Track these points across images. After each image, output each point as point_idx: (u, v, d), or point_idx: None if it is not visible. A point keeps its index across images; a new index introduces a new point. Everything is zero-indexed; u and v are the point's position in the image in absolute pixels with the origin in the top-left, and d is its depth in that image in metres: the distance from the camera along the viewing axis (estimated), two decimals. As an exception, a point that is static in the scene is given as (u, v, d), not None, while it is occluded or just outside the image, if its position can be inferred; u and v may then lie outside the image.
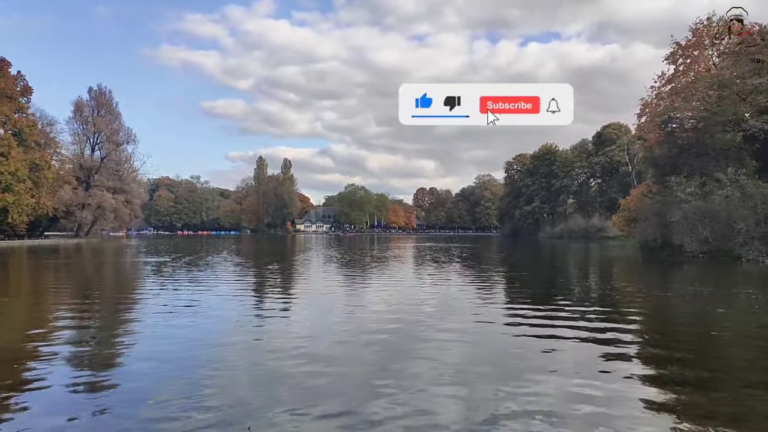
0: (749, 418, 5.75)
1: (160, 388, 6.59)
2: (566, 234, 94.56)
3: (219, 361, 7.94)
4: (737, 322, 12.17)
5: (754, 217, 31.30)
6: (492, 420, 5.59)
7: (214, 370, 7.36)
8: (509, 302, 15.18)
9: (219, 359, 8.03)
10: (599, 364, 7.98)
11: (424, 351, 8.68)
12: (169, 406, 5.91)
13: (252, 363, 7.87)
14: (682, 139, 38.42)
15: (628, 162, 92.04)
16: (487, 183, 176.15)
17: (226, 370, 7.41)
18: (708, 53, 41.90)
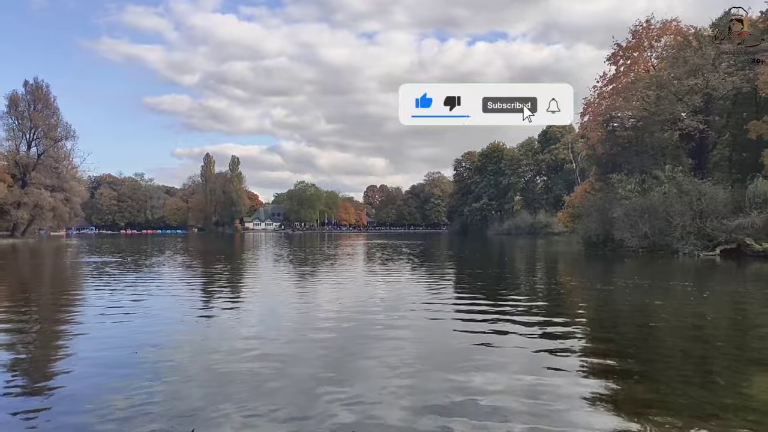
0: (685, 406, 5.98)
1: (101, 392, 6.37)
2: (514, 230, 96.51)
3: (163, 363, 7.72)
4: (674, 313, 12.67)
5: (690, 213, 32.71)
6: (440, 411, 5.65)
7: (158, 373, 7.16)
8: (459, 298, 15.35)
9: (163, 361, 7.81)
10: (544, 357, 8.19)
11: (374, 348, 8.69)
12: (111, 411, 5.71)
13: (198, 364, 7.69)
14: (623, 137, 39.72)
15: (573, 160, 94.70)
16: (437, 181, 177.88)
17: (170, 372, 7.21)
18: (647, 55, 43.45)
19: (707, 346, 9.32)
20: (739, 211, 31.43)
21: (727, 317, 12.43)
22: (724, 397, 6.23)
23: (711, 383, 6.90)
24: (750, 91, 34.93)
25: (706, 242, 31.66)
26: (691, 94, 36.14)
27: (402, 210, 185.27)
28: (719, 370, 7.67)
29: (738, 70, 34.90)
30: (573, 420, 5.55)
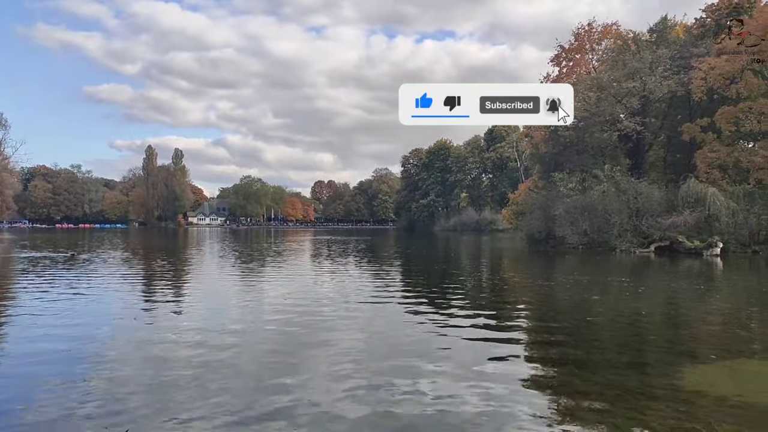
0: (619, 396, 6.19)
1: (33, 392, 6.09)
2: (459, 227, 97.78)
3: (100, 361, 7.44)
4: (610, 308, 13.11)
5: (627, 211, 33.95)
6: (389, 404, 5.66)
7: (93, 372, 6.89)
8: (405, 293, 15.43)
9: (99, 359, 7.53)
10: (486, 348, 8.34)
11: (319, 346, 8.64)
12: (44, 412, 5.46)
13: (137, 362, 7.45)
14: (565, 137, 40.81)
15: (517, 158, 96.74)
16: (385, 177, 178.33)
17: (106, 372, 6.95)
18: (588, 57, 44.78)
19: (641, 339, 9.68)
20: (672, 209, 32.80)
21: (660, 311, 12.96)
22: (656, 388, 6.48)
23: (644, 374, 7.17)
24: (684, 95, 36.45)
25: (641, 239, 32.92)
26: (629, 96, 37.47)
27: (350, 206, 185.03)
28: (652, 361, 7.99)
29: (673, 75, 36.38)
30: (514, 409, 5.66)
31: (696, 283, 19.11)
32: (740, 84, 31.45)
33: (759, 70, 32.07)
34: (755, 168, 31.84)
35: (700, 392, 6.30)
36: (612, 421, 5.44)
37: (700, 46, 37.49)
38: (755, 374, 7.38)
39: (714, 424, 5.32)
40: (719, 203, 31.02)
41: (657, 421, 5.40)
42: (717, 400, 6.04)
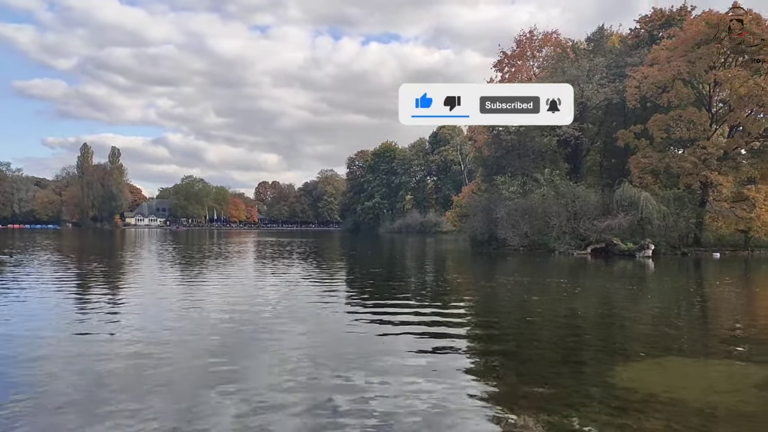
0: (555, 395, 6.38)
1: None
2: (404, 228, 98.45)
3: (31, 369, 7.11)
4: (549, 308, 13.48)
5: (566, 214, 35.00)
6: (331, 406, 5.64)
7: (21, 382, 6.58)
8: (350, 295, 15.43)
9: (31, 368, 7.19)
10: (430, 351, 8.42)
11: (262, 350, 8.54)
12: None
13: (69, 372, 7.15)
14: (507, 141, 41.73)
15: (461, 161, 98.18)
16: (330, 178, 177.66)
17: (35, 381, 6.65)
18: (530, 64, 45.96)
19: (577, 338, 10.00)
20: (608, 213, 34.02)
21: (595, 311, 13.43)
22: (591, 386, 6.72)
23: (579, 372, 7.42)
24: (619, 102, 37.87)
25: (579, 241, 34.00)
26: (568, 102, 38.59)
27: (295, 207, 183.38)
28: (587, 360, 8.28)
29: (609, 83, 37.78)
30: (454, 407, 5.76)
31: (629, 284, 19.88)
32: (671, 93, 32.92)
33: (688, 80, 33.68)
34: (684, 173, 33.38)
35: (630, 389, 6.56)
36: (547, 418, 5.60)
37: (634, 55, 39.07)
38: (682, 371, 7.73)
39: (643, 419, 5.56)
40: (651, 207, 32.38)
41: (590, 417, 5.59)
42: (646, 396, 6.30)
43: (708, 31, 32.37)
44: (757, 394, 6.54)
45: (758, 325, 11.73)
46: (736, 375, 7.46)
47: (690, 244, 34.45)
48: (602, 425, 5.40)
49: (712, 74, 32.85)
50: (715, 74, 32.73)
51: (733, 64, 33.44)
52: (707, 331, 11.21)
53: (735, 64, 33.31)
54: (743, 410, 5.93)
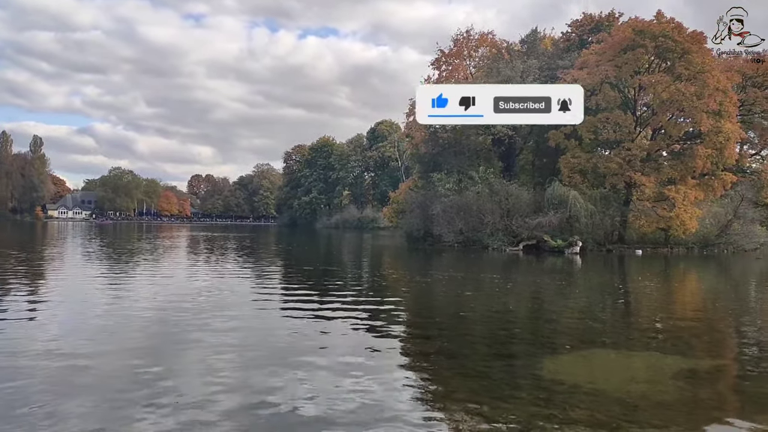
0: (486, 388, 6.53)
1: None
2: (342, 224, 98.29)
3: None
4: (482, 303, 13.78)
5: (499, 212, 35.85)
6: (263, 404, 5.55)
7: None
8: (286, 290, 15.25)
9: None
10: (364, 345, 8.45)
11: (191, 347, 8.31)
12: None
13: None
14: (444, 138, 42.26)
15: (398, 158, 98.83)
16: (267, 172, 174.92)
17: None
18: (466, 63, 46.70)
19: (508, 332, 10.26)
20: (539, 210, 35.09)
21: (526, 306, 13.83)
22: (520, 379, 6.91)
23: (509, 366, 7.61)
24: (551, 104, 39.09)
25: (511, 238, 34.92)
26: (502, 102, 39.49)
27: (229, 201, 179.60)
28: (516, 353, 8.50)
29: (542, 84, 38.89)
30: (387, 402, 5.79)
31: (558, 279, 20.58)
32: (599, 96, 34.21)
33: (615, 83, 35.11)
34: (610, 173, 34.81)
35: (557, 380, 6.78)
36: (478, 409, 5.72)
37: (565, 58, 40.37)
38: (605, 363, 8.07)
39: (568, 409, 5.76)
40: (579, 205, 33.60)
41: (519, 409, 5.75)
42: (572, 387, 6.54)
43: (634, 37, 33.86)
44: (674, 384, 6.89)
45: (675, 318, 12.38)
46: (655, 366, 7.83)
47: (615, 241, 35.97)
48: (530, 416, 5.55)
49: (637, 79, 34.38)
50: (640, 79, 34.27)
51: (656, 70, 35.10)
52: (629, 324, 11.73)
53: (658, 70, 34.97)
54: (661, 399, 6.24)
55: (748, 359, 8.67)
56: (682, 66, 33.24)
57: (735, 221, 36.32)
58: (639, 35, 33.76)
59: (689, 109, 32.79)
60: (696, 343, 9.47)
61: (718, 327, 11.43)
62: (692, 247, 36.02)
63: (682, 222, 33.50)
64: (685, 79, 32.95)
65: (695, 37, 34.09)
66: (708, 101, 32.28)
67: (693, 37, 33.97)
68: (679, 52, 33.49)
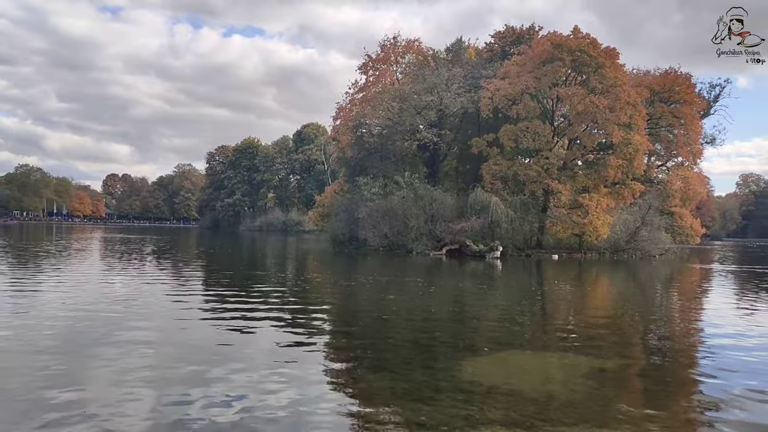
0: (407, 390, 6.59)
1: None
2: (266, 227, 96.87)
3: None
4: (405, 306, 13.91)
5: (424, 216, 36.39)
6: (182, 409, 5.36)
7: None
8: (207, 295, 14.82)
9: None
10: (288, 350, 8.37)
11: (107, 353, 7.92)
12: None
13: None
14: (370, 143, 42.53)
15: (325, 161, 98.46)
16: (188, 173, 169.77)
17: None
18: (393, 69, 47.21)
19: (429, 335, 10.41)
20: (462, 216, 35.86)
21: (448, 309, 14.07)
22: (440, 380, 7.02)
23: (429, 369, 7.72)
24: (474, 111, 40.07)
25: (435, 243, 35.52)
26: (428, 109, 40.20)
27: (148, 202, 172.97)
28: (437, 356, 8.65)
29: (466, 92, 39.82)
30: (311, 406, 5.75)
31: (479, 283, 21.10)
32: (520, 106, 35.44)
33: (534, 94, 36.46)
34: (530, 181, 36.11)
35: (475, 382, 6.95)
36: (399, 411, 5.79)
37: (488, 68, 41.53)
38: (521, 364, 8.35)
39: (486, 409, 5.91)
40: (500, 211, 34.61)
41: (439, 411, 5.84)
42: (489, 388, 6.71)
43: (552, 50, 35.33)
44: (585, 383, 7.21)
45: (588, 320, 12.97)
46: (568, 366, 8.17)
47: (533, 246, 37.31)
48: (450, 417, 5.65)
49: (555, 90, 35.86)
50: (558, 91, 35.78)
51: (573, 83, 36.76)
52: (545, 326, 12.19)
53: (574, 83, 36.64)
54: (572, 398, 6.52)
55: (652, 358, 9.20)
56: (596, 80, 34.98)
57: (643, 228, 38.47)
58: (557, 49, 35.26)
59: (602, 121, 34.57)
60: (606, 344, 9.95)
61: (626, 328, 12.07)
62: (604, 252, 37.86)
63: (595, 228, 35.17)
64: (599, 93, 34.69)
65: (609, 52, 36.03)
66: (619, 114, 34.15)
67: (606, 53, 35.87)
68: (594, 66, 35.23)
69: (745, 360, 8.73)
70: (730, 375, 7.75)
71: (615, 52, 36.47)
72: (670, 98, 42.49)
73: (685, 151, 44.05)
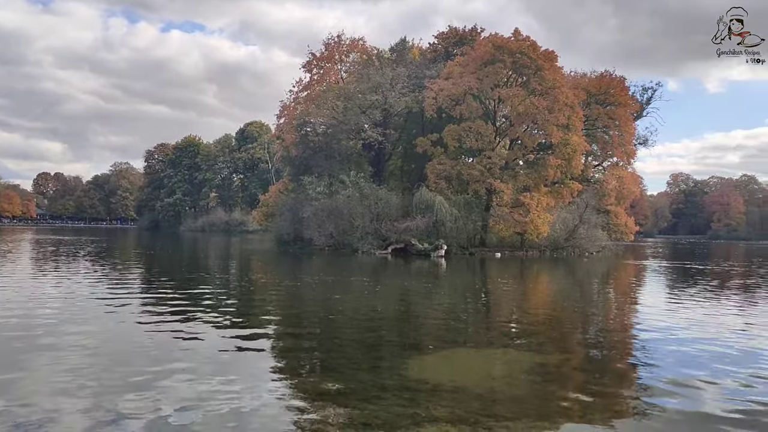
0: (354, 390, 6.59)
1: None
2: (208, 227, 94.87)
3: None
4: (351, 306, 13.91)
5: (369, 215, 36.44)
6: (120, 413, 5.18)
7: None
8: (145, 299, 14.37)
9: None
10: (232, 352, 8.22)
11: (38, 360, 7.58)
12: None
13: None
14: (315, 142, 42.26)
15: (269, 160, 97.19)
16: (125, 172, 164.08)
17: None
18: (338, 67, 47.07)
19: (375, 335, 10.44)
20: (407, 215, 36.12)
21: (393, 308, 14.15)
22: (386, 379, 7.05)
23: (376, 368, 7.74)
24: (418, 111, 40.41)
25: (381, 242, 35.64)
26: (372, 108, 40.29)
27: (82, 202, 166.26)
28: (383, 355, 8.68)
29: (410, 92, 40.12)
30: (257, 410, 5.66)
31: (424, 282, 21.31)
32: (463, 106, 35.98)
33: (477, 95, 37.09)
34: (473, 180, 36.71)
35: (421, 380, 7.01)
36: (345, 412, 5.77)
37: (432, 68, 41.96)
38: (466, 361, 8.48)
39: (431, 407, 5.98)
40: (445, 210, 35.05)
41: (385, 410, 5.86)
42: (435, 386, 6.79)
43: (494, 52, 36.03)
44: (527, 379, 7.40)
45: (530, 316, 13.30)
46: (511, 362, 8.36)
47: (477, 244, 37.96)
48: (395, 416, 5.68)
49: (497, 91, 36.58)
50: (499, 92, 36.51)
51: (513, 84, 37.58)
52: (488, 323, 12.43)
53: (515, 84, 37.47)
54: (515, 393, 6.68)
55: (590, 351, 9.52)
56: (536, 82, 35.89)
57: (581, 226, 39.75)
58: (498, 51, 35.98)
59: (542, 122, 35.52)
60: (547, 339, 10.23)
61: (566, 323, 12.44)
62: (544, 250, 38.90)
63: (536, 227, 36.08)
64: (539, 94, 35.62)
65: (548, 55, 37.03)
66: (558, 115, 35.17)
67: (546, 55, 36.86)
68: (534, 68, 36.13)
69: (677, 351, 9.15)
70: (663, 365, 8.11)
71: (554, 54, 37.52)
72: (605, 100, 44.03)
73: (620, 151, 45.76)
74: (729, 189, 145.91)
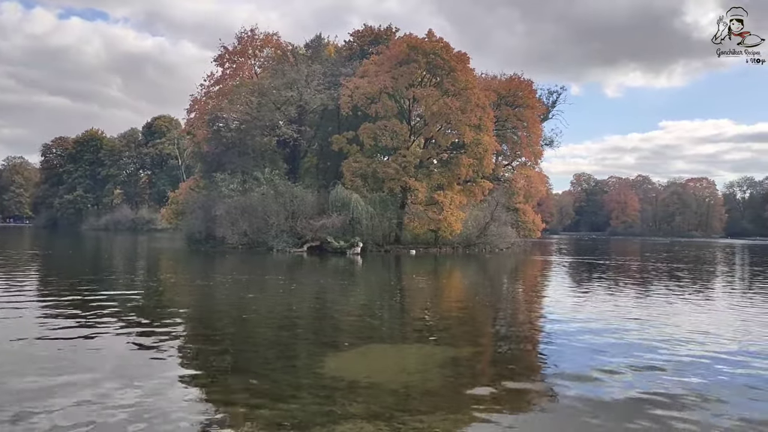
0: (268, 390, 6.51)
1: None
2: (113, 225, 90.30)
3: None
4: (265, 305, 13.70)
5: (284, 213, 35.99)
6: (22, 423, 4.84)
7: None
8: (43, 303, 13.50)
9: None
10: (138, 358, 7.89)
11: None
12: None
13: None
14: (228, 138, 41.14)
15: (179, 156, 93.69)
16: (20, 166, 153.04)
17: None
18: (251, 62, 46.05)
19: (290, 333, 10.33)
20: (323, 212, 35.96)
21: (309, 306, 14.06)
22: (301, 378, 7.00)
23: (291, 367, 7.67)
24: (334, 109, 40.30)
25: (296, 240, 35.29)
26: (287, 104, 39.78)
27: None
28: (299, 353, 8.61)
29: (325, 89, 39.93)
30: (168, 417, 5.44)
31: (340, 279, 21.31)
32: (378, 104, 36.24)
33: (392, 94, 37.48)
34: (388, 178, 37.07)
35: (337, 377, 7.02)
36: (259, 413, 5.68)
37: (348, 66, 41.96)
38: (381, 357, 8.56)
39: (347, 404, 5.99)
40: (360, 208, 35.19)
41: (301, 409, 5.82)
42: (351, 383, 6.81)
43: (408, 52, 36.54)
44: (440, 372, 7.57)
45: (442, 312, 13.61)
46: (425, 357, 8.52)
47: (392, 242, 38.37)
48: (311, 414, 5.65)
49: (411, 91, 37.10)
50: (414, 91, 37.06)
51: (428, 84, 38.26)
52: (403, 319, 12.61)
53: (429, 84, 38.17)
54: (428, 387, 6.81)
55: (500, 344, 9.86)
56: (449, 82, 36.72)
57: (492, 223, 41.11)
58: (413, 51, 36.53)
59: (455, 122, 36.40)
60: (459, 334, 10.51)
61: (477, 318, 12.83)
62: (457, 246, 39.92)
63: (449, 224, 36.95)
64: (452, 95, 36.47)
65: (460, 56, 37.98)
66: (470, 116, 36.16)
67: (458, 57, 37.79)
68: (447, 69, 36.95)
69: (581, 342, 9.66)
70: (568, 356, 8.54)
71: (466, 56, 38.52)
72: (514, 102, 45.70)
73: (528, 151, 47.69)
74: (626, 188, 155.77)
